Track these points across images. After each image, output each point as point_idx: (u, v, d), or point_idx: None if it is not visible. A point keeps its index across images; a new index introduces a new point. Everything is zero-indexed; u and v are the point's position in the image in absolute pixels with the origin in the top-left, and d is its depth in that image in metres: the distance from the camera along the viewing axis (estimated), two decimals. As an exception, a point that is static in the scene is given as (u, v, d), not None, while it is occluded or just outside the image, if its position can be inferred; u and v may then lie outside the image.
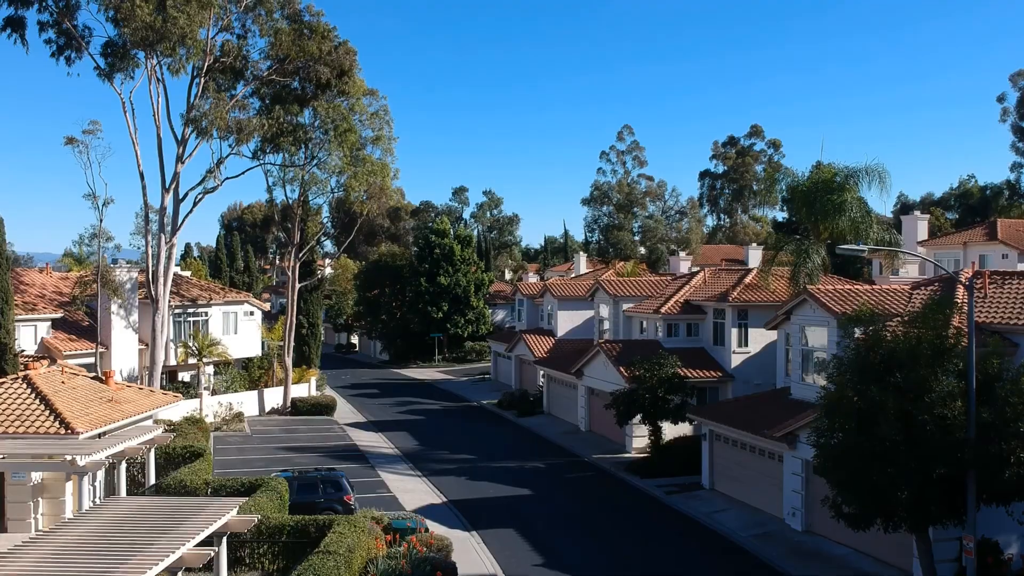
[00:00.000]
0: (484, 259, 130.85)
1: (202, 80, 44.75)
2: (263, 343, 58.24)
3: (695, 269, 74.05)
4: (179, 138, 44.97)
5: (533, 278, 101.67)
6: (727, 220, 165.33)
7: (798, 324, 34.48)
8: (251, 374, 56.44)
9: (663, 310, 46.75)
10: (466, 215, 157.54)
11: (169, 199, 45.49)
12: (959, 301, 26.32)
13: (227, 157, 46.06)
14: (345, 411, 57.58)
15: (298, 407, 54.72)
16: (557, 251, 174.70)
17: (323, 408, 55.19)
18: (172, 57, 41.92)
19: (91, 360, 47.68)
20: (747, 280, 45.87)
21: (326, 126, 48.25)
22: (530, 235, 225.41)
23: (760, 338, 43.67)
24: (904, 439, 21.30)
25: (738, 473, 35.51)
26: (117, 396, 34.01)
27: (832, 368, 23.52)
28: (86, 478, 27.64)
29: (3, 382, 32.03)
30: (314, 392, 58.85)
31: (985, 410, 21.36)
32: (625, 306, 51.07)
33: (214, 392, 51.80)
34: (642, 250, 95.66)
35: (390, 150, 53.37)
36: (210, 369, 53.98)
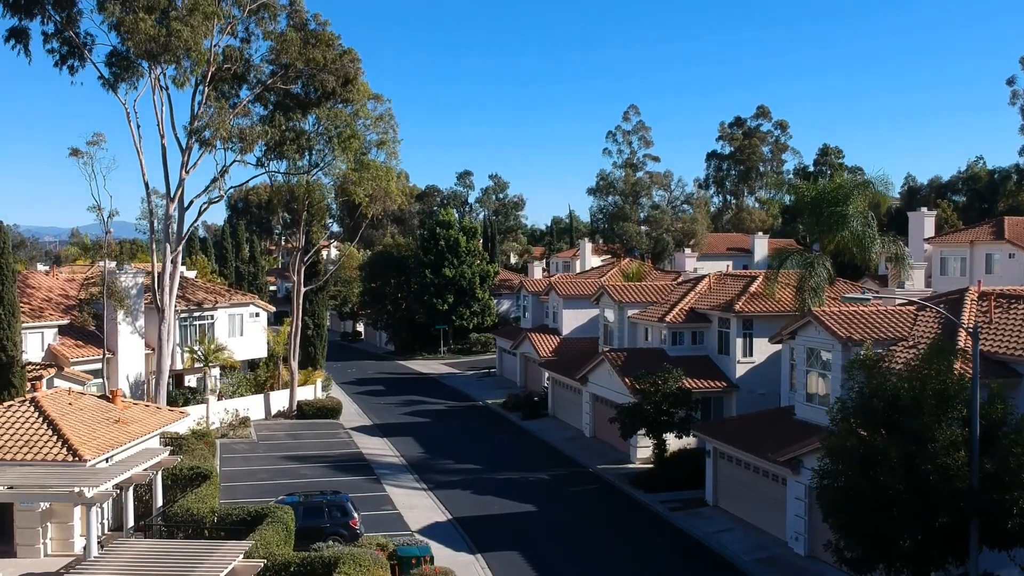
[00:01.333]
0: (489, 244, 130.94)
1: (205, 88, 44.58)
2: (268, 344, 58.36)
3: (700, 270, 74.10)
4: (183, 147, 44.90)
5: (538, 270, 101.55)
6: (733, 202, 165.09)
7: (803, 344, 34.47)
8: (257, 377, 56.66)
9: (668, 319, 46.72)
10: (471, 199, 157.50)
11: (174, 208, 45.51)
12: (962, 343, 26.16)
13: (231, 165, 46.04)
14: (351, 413, 57.80)
15: (304, 410, 54.90)
16: (563, 232, 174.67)
17: (329, 411, 55.35)
18: (176, 69, 41.77)
19: (98, 366, 47.94)
20: (752, 288, 45.76)
21: (329, 133, 48.13)
22: (536, 213, 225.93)
23: (765, 347, 43.65)
24: (907, 487, 21.40)
25: (742, 492, 35.64)
26: (124, 416, 34.13)
27: (836, 411, 23.58)
28: (94, 506, 27.91)
29: (11, 405, 32.20)
30: (320, 394, 59.05)
31: (988, 460, 21.42)
32: (630, 312, 51.06)
33: (220, 397, 51.99)
34: (645, 229, 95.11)
35: (394, 153, 53.27)
36: (216, 371, 54.20)
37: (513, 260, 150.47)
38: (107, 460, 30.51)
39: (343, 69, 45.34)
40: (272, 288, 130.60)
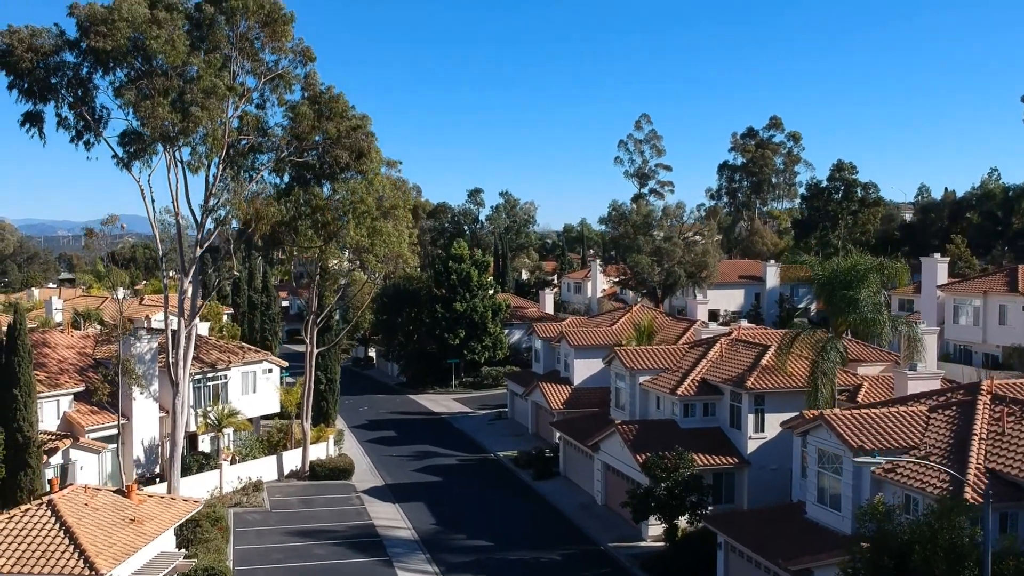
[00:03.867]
0: (500, 261, 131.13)
1: (220, 162, 44.82)
2: (281, 403, 58.71)
3: (711, 303, 74.24)
4: (198, 222, 45.24)
5: (550, 298, 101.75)
6: (746, 213, 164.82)
7: (814, 445, 34.54)
8: (271, 437, 57.03)
9: (679, 391, 46.80)
10: (482, 216, 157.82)
11: (188, 283, 45.80)
12: (969, 498, 26.10)
13: (244, 239, 46.24)
14: (363, 469, 57.94)
15: (316, 471, 54.97)
16: (574, 241, 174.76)
17: (341, 472, 55.32)
18: (192, 155, 42.10)
19: (114, 431, 48.46)
20: (764, 361, 45.77)
21: (344, 208, 48.37)
22: (547, 218, 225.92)
23: (777, 422, 43.66)
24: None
25: (753, 589, 35.75)
26: (139, 513, 34.61)
27: (848, 566, 23.67)
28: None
29: (28, 509, 32.72)
30: (332, 451, 59.14)
31: (999, 627, 21.52)
32: (642, 379, 51.14)
33: (233, 460, 52.35)
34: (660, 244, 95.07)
35: (406, 216, 53.56)
36: (230, 430, 54.50)
37: (524, 276, 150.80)
38: (123, 564, 30.95)
39: (356, 144, 45.51)
40: (284, 304, 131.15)
